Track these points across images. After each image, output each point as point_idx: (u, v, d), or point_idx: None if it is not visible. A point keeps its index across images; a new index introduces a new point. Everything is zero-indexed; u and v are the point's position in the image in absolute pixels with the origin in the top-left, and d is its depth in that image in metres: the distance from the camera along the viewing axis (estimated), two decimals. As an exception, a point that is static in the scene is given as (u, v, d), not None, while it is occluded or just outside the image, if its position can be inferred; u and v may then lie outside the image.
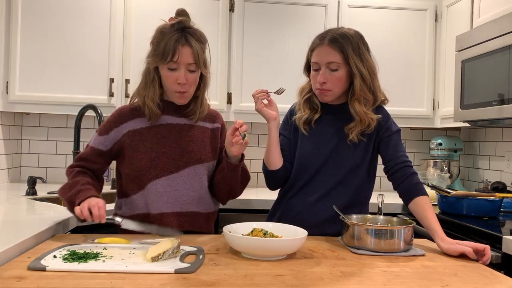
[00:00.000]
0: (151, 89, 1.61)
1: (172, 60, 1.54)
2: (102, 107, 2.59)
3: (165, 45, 1.54)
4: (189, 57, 1.56)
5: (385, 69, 2.96)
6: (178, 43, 1.54)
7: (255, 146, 3.36)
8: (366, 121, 1.62)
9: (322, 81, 1.61)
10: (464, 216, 2.22)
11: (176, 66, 1.56)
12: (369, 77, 1.61)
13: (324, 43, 1.61)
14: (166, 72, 1.58)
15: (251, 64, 3.00)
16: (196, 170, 1.66)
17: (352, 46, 1.59)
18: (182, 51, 1.55)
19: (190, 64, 1.57)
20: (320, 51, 1.62)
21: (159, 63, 1.57)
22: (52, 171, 3.21)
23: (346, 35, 1.60)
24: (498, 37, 2.23)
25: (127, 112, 1.67)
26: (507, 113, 2.15)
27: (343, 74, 1.61)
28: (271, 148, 1.71)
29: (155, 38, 1.59)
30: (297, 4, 3.01)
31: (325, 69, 1.61)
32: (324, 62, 1.61)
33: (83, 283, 1.05)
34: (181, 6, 2.88)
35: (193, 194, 1.65)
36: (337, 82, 1.61)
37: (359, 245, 1.44)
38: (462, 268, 1.30)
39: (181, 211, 1.63)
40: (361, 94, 1.61)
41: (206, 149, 1.69)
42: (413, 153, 3.46)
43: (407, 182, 1.61)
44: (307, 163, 1.70)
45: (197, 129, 1.70)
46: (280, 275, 1.17)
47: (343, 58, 1.59)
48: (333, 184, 1.67)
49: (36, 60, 2.83)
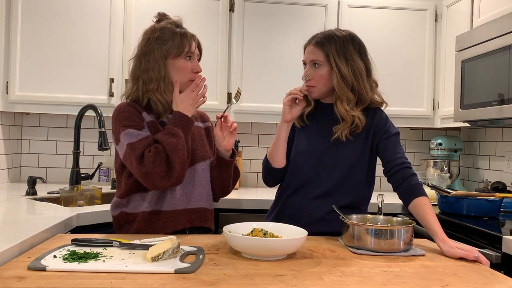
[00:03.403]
0: (162, 84, 1.62)
1: (191, 49, 1.64)
2: (102, 107, 2.59)
3: (180, 38, 1.62)
4: (196, 49, 1.70)
5: (385, 69, 3.00)
6: (191, 35, 1.66)
7: (255, 146, 3.36)
8: (349, 119, 1.65)
9: (305, 77, 1.71)
10: (464, 216, 2.22)
11: (192, 55, 1.66)
12: (351, 77, 1.66)
13: (311, 43, 1.72)
14: (182, 63, 1.64)
15: (251, 64, 3.00)
16: (202, 167, 1.70)
17: (336, 47, 1.67)
18: (193, 43, 1.67)
19: (197, 55, 1.71)
20: (307, 51, 1.74)
21: (177, 54, 1.62)
22: (52, 171, 3.21)
23: (332, 36, 1.70)
24: (498, 37, 2.23)
25: (133, 105, 1.63)
26: (507, 113, 2.15)
27: (325, 72, 1.69)
28: (277, 147, 1.74)
29: (160, 35, 1.63)
30: (297, 4, 3.01)
31: (309, 67, 1.72)
32: (308, 60, 1.72)
33: (83, 283, 1.05)
34: (181, 6, 2.90)
35: (201, 190, 1.69)
36: (320, 79, 1.69)
37: (359, 245, 1.44)
38: (462, 268, 1.30)
39: (192, 208, 1.66)
40: (340, 92, 1.66)
41: (206, 146, 1.76)
42: (413, 153, 3.46)
43: (406, 183, 1.61)
44: (302, 160, 1.72)
45: (194, 128, 1.73)
46: (280, 275, 1.17)
47: (325, 56, 1.67)
48: (330, 183, 1.68)
49: (36, 60, 2.83)
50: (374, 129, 1.69)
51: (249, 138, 3.36)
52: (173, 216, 1.62)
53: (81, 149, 2.77)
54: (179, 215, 1.63)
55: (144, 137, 1.55)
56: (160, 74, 1.62)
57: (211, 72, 2.92)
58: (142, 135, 1.56)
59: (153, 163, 1.50)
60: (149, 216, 1.61)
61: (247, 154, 3.34)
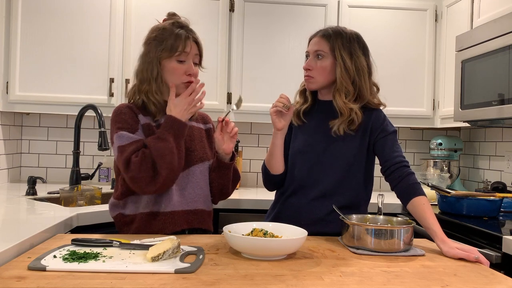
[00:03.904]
0: (154, 84, 1.61)
1: (185, 50, 1.59)
2: (102, 107, 2.59)
3: (174, 39, 1.59)
4: (195, 49, 1.64)
5: (385, 69, 3.00)
6: (187, 37, 1.61)
7: (255, 146, 3.36)
8: (346, 112, 1.65)
9: (306, 67, 1.71)
10: (464, 216, 2.22)
11: (185, 58, 1.61)
12: (354, 72, 1.66)
13: (317, 35, 1.73)
14: (175, 65, 1.60)
15: (251, 64, 3.00)
16: (200, 168, 1.69)
17: (342, 41, 1.68)
18: (190, 43, 1.62)
19: (195, 56, 1.65)
20: (312, 42, 1.73)
21: (170, 55, 1.59)
22: (52, 171, 3.21)
23: (339, 31, 1.71)
24: (498, 37, 2.23)
25: (131, 109, 1.63)
26: (507, 113, 2.15)
27: (328, 64, 1.68)
28: (273, 154, 1.73)
29: (157, 36, 1.61)
30: (297, 4, 3.01)
31: (312, 57, 1.71)
32: (312, 50, 1.71)
33: (83, 283, 1.05)
34: (181, 6, 2.90)
35: (199, 192, 1.68)
36: (321, 70, 1.69)
37: (359, 245, 1.44)
38: (462, 268, 1.30)
39: (189, 209, 1.65)
40: (342, 83, 1.66)
41: (205, 148, 1.74)
42: (413, 153, 3.46)
43: (404, 183, 1.61)
44: (299, 160, 1.72)
45: (194, 129, 1.73)
46: (280, 275, 1.17)
47: (330, 48, 1.68)
48: (328, 183, 1.68)
49: (36, 60, 2.83)
50: (371, 128, 1.69)
51: (249, 138, 3.36)
52: (172, 217, 1.62)
53: (81, 149, 2.77)
54: (177, 216, 1.62)
55: (134, 141, 1.54)
56: (153, 74, 1.60)
57: (211, 72, 2.92)
58: (133, 138, 1.55)
59: (139, 168, 1.48)
60: (148, 217, 1.61)
61: (247, 154, 3.34)
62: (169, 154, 1.50)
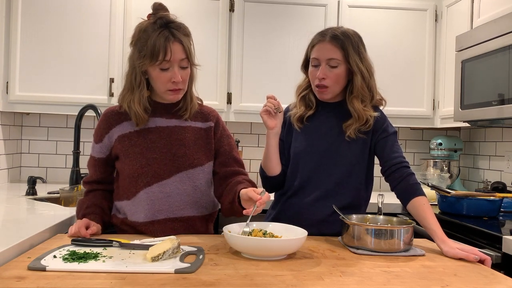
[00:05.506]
0: (137, 93, 1.54)
1: (165, 59, 1.47)
2: (102, 107, 2.58)
3: (153, 45, 1.46)
4: (181, 53, 1.50)
5: (385, 69, 3.00)
6: (167, 41, 1.47)
7: (255, 146, 3.36)
8: (364, 117, 1.64)
9: (321, 76, 1.63)
10: (464, 216, 2.22)
11: (169, 65, 1.49)
12: (368, 76, 1.64)
13: (325, 40, 1.63)
14: (158, 73, 1.50)
15: (251, 64, 3.00)
16: (189, 174, 1.59)
17: (352, 45, 1.62)
18: (173, 48, 1.48)
19: (182, 60, 1.51)
20: (321, 47, 1.63)
21: (150, 64, 1.48)
22: (52, 171, 3.21)
23: (347, 33, 1.64)
24: (498, 37, 2.23)
25: (113, 116, 1.61)
26: (507, 113, 2.15)
27: (342, 71, 1.63)
28: (268, 155, 1.71)
29: (139, 39, 1.51)
30: (297, 4, 3.01)
31: (325, 65, 1.63)
32: (324, 58, 1.62)
33: (83, 283, 1.05)
34: (181, 6, 2.89)
35: (186, 199, 1.59)
36: (336, 79, 1.63)
37: (359, 245, 1.44)
38: (462, 268, 1.30)
39: (174, 217, 1.58)
40: (361, 91, 1.63)
41: (198, 152, 1.62)
42: (413, 153, 3.46)
43: (404, 183, 1.61)
44: (302, 161, 1.70)
45: (188, 130, 1.62)
46: (280, 275, 1.17)
47: (344, 55, 1.61)
48: (330, 184, 1.67)
49: (36, 60, 2.83)
50: (372, 128, 1.68)
51: (249, 138, 3.36)
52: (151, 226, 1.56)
53: (81, 149, 2.77)
54: (157, 224, 1.56)
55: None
56: (136, 82, 1.53)
57: (211, 72, 2.92)
58: (93, 156, 1.67)
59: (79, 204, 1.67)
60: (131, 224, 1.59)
61: (247, 154, 3.34)
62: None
